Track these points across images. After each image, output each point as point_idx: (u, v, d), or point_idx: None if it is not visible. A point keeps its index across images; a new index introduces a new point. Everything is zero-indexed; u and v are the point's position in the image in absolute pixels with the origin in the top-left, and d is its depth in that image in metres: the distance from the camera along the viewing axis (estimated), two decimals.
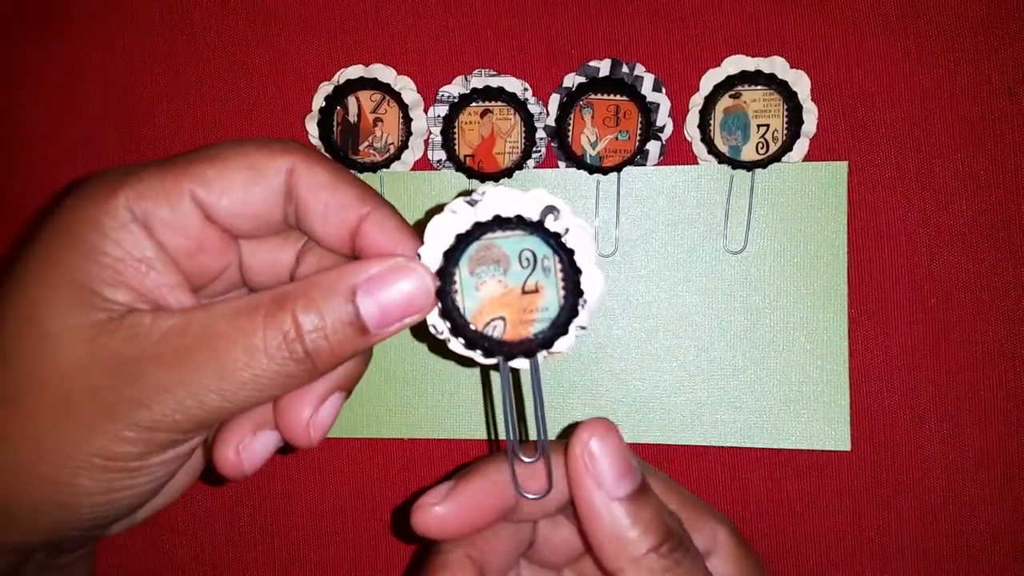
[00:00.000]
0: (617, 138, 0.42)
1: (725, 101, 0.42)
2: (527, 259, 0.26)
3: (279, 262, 0.28)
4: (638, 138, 0.42)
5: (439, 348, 0.43)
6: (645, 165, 0.42)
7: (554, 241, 0.26)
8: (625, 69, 0.42)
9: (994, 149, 0.41)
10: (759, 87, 0.42)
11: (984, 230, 0.41)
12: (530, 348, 0.26)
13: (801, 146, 0.41)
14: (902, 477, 0.42)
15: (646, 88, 0.42)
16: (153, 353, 0.23)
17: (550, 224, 0.26)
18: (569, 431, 0.33)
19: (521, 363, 0.26)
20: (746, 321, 0.42)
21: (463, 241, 0.26)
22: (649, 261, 0.42)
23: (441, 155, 0.43)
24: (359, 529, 0.45)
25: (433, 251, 0.25)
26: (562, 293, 0.26)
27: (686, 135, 0.42)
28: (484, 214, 0.25)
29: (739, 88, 0.42)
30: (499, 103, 0.43)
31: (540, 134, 0.42)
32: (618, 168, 0.42)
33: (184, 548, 0.45)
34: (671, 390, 0.42)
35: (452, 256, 0.26)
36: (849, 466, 0.42)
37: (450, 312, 0.26)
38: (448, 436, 0.43)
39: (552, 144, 0.42)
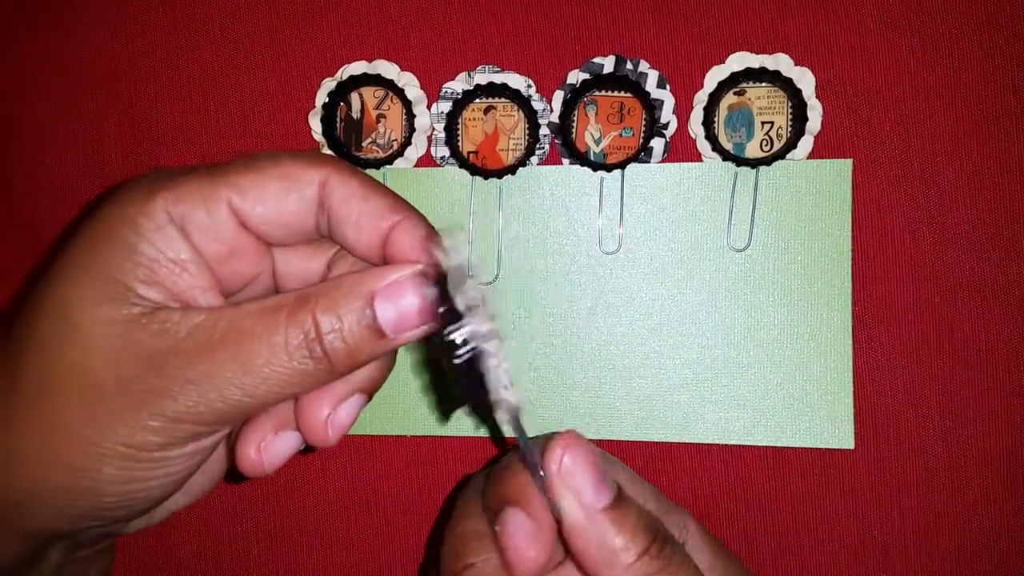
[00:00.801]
0: (621, 135, 0.42)
1: (729, 98, 0.42)
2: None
3: (310, 269, 0.29)
4: (642, 135, 0.42)
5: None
6: (649, 162, 0.42)
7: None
8: (629, 66, 0.42)
9: (999, 147, 0.41)
10: (763, 84, 0.42)
11: (989, 228, 0.41)
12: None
13: (805, 143, 0.41)
14: (905, 475, 0.42)
15: (650, 85, 0.41)
16: (180, 347, 0.24)
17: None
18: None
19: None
20: (750, 319, 0.42)
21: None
22: (653, 258, 0.42)
23: (444, 152, 0.42)
24: (362, 526, 0.45)
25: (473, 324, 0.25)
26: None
27: (690, 132, 0.42)
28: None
29: (743, 85, 0.42)
30: (503, 100, 0.43)
31: (544, 131, 0.42)
32: (622, 165, 0.42)
33: (187, 543, 0.45)
34: (674, 387, 0.42)
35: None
36: (852, 464, 0.42)
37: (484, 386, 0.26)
38: (452, 434, 0.43)
39: (556, 141, 0.42)
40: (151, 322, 0.25)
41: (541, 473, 0.26)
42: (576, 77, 0.42)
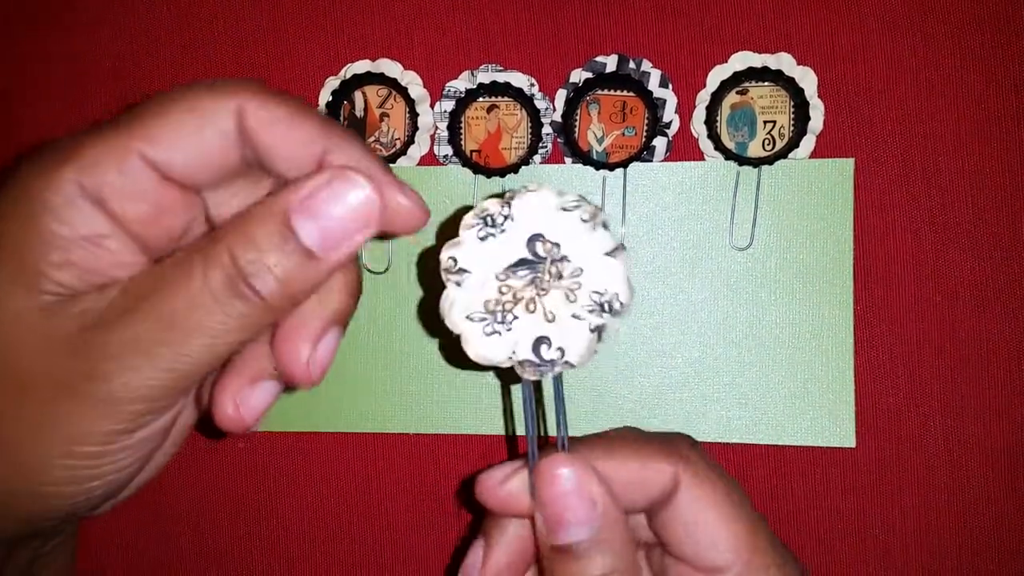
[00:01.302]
0: (624, 134, 0.42)
1: (732, 97, 0.42)
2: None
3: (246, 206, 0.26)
4: (644, 134, 0.42)
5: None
6: (651, 161, 0.42)
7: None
8: (632, 65, 0.42)
9: (1001, 147, 0.41)
10: (766, 83, 0.42)
11: (991, 228, 0.41)
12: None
13: (808, 143, 0.41)
14: (906, 474, 0.42)
15: (653, 84, 0.42)
16: (100, 321, 0.22)
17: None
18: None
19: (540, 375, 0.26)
20: (752, 317, 0.42)
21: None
22: (655, 257, 0.42)
23: (447, 150, 0.43)
24: (364, 524, 0.45)
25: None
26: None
27: (693, 131, 0.42)
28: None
29: (746, 84, 0.42)
30: (505, 98, 0.43)
31: (546, 130, 0.42)
32: (624, 164, 0.42)
33: (188, 540, 0.45)
34: (676, 386, 0.42)
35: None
36: (854, 463, 0.42)
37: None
38: (455, 431, 0.43)
39: (558, 140, 0.42)
40: (70, 306, 0.22)
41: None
42: (579, 76, 0.42)
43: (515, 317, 0.25)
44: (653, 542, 0.30)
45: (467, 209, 0.26)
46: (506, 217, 0.25)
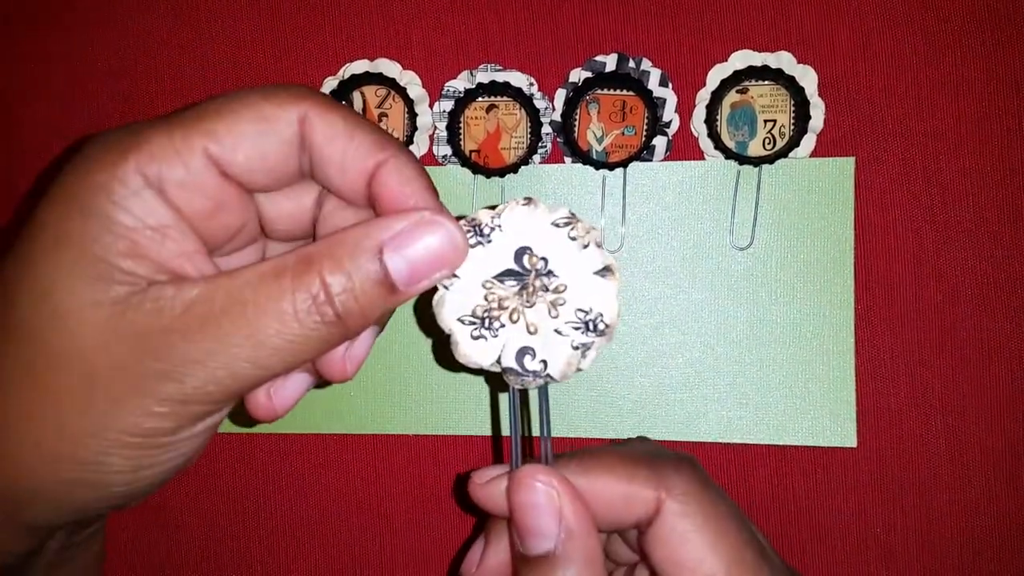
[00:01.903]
0: (623, 133, 0.42)
1: (732, 96, 0.42)
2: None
3: (299, 210, 0.27)
4: (644, 133, 0.42)
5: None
6: (651, 160, 0.42)
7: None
8: (631, 64, 0.41)
9: (1001, 145, 0.41)
10: (766, 82, 0.42)
11: (991, 227, 0.41)
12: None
13: (808, 142, 0.41)
14: (908, 473, 0.42)
15: (652, 83, 0.41)
16: (179, 325, 0.23)
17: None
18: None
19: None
20: (752, 317, 0.42)
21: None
22: (655, 257, 0.42)
23: (446, 150, 0.42)
24: (362, 524, 0.45)
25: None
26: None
27: (693, 130, 0.42)
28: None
29: (746, 83, 0.42)
30: (505, 98, 0.43)
31: (546, 129, 0.42)
32: (624, 163, 0.42)
33: (188, 542, 0.45)
34: (677, 386, 0.42)
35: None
36: (855, 462, 0.42)
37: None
38: (453, 432, 0.43)
39: (558, 139, 0.42)
40: (143, 301, 0.23)
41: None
42: (578, 75, 0.42)
43: (501, 325, 0.26)
44: (637, 562, 0.31)
45: (462, 217, 0.26)
46: (494, 228, 0.26)
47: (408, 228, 0.24)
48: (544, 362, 0.26)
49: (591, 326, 0.26)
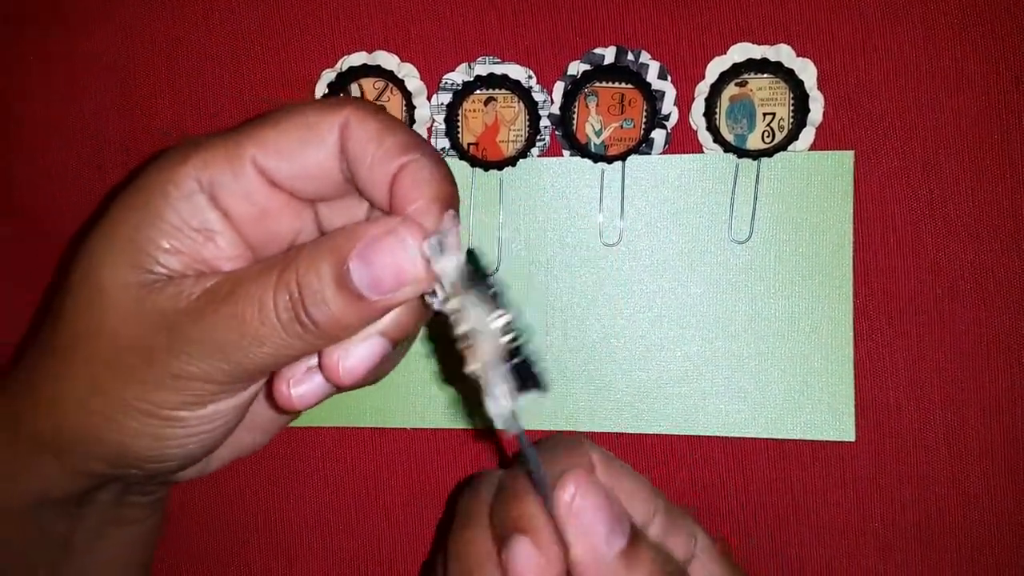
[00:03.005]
0: (622, 126, 0.42)
1: (731, 89, 0.42)
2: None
3: (354, 219, 0.28)
4: (643, 126, 0.42)
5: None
6: (650, 154, 0.42)
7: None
8: (630, 57, 0.41)
9: (1001, 139, 0.41)
10: (765, 75, 0.41)
11: (991, 220, 0.41)
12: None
13: (807, 135, 0.41)
14: (906, 467, 0.42)
15: (651, 76, 0.41)
16: (190, 308, 0.25)
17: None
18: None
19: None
20: (751, 311, 0.42)
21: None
22: (653, 250, 0.42)
23: (444, 143, 0.42)
24: (363, 518, 0.45)
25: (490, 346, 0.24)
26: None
27: (691, 123, 0.42)
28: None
29: (745, 76, 0.42)
30: (503, 91, 0.43)
31: (544, 122, 0.42)
32: (623, 157, 0.41)
33: (187, 536, 0.45)
34: (675, 380, 0.42)
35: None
36: (853, 456, 0.42)
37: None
38: (454, 425, 0.43)
39: (556, 132, 0.42)
40: (166, 287, 0.25)
41: (550, 497, 0.25)
42: (577, 68, 0.42)
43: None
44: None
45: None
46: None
47: (375, 237, 0.24)
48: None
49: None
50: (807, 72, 0.41)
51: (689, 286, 0.42)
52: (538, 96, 0.42)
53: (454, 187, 0.26)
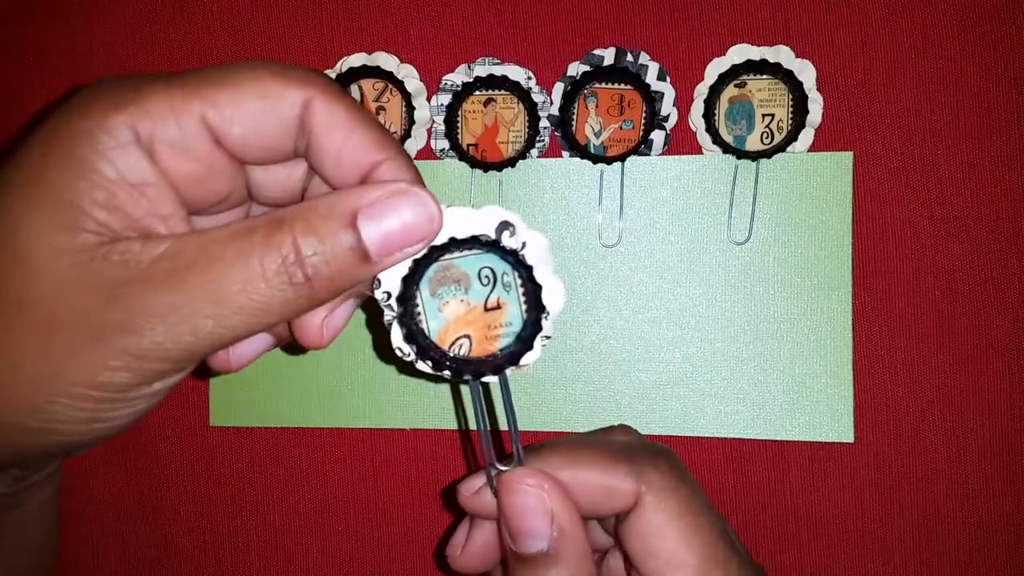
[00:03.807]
0: (621, 127, 0.42)
1: (730, 90, 0.42)
2: (487, 277, 0.26)
3: (290, 180, 0.27)
4: (642, 127, 0.42)
5: (408, 369, 0.43)
6: (649, 155, 0.42)
7: (512, 257, 0.26)
8: (629, 58, 0.41)
9: (999, 140, 0.41)
10: (764, 76, 0.41)
11: (989, 221, 0.41)
12: (497, 364, 0.26)
13: (806, 136, 0.41)
14: (905, 469, 0.42)
15: (650, 77, 0.41)
16: (144, 277, 0.22)
17: (506, 240, 0.25)
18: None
19: (491, 378, 0.26)
20: (750, 312, 0.42)
21: (421, 264, 0.25)
22: (653, 251, 0.42)
23: (444, 144, 0.42)
24: (361, 519, 0.44)
25: (392, 276, 0.25)
26: (524, 307, 0.26)
27: (691, 124, 0.42)
28: (439, 236, 0.25)
29: (744, 77, 0.42)
30: (502, 92, 0.43)
31: (544, 123, 0.42)
32: (622, 158, 0.42)
33: (186, 536, 0.45)
34: (674, 381, 0.42)
35: (412, 280, 0.25)
36: (852, 458, 0.42)
37: (415, 335, 0.26)
38: (451, 427, 0.43)
39: (556, 133, 0.42)
40: (110, 253, 0.22)
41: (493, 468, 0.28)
42: (576, 69, 0.42)
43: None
44: (611, 546, 0.32)
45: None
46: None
47: (384, 197, 0.23)
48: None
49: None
50: (806, 73, 0.41)
51: (688, 287, 0.42)
52: (537, 97, 0.42)
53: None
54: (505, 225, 0.25)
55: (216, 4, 0.44)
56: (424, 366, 0.26)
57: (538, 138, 0.42)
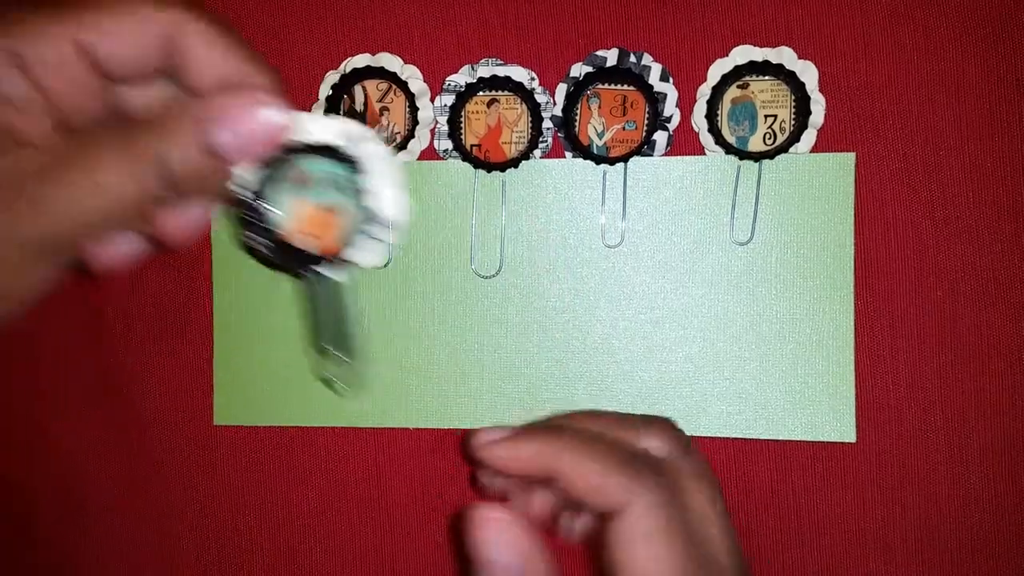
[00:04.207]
0: (624, 128, 0.42)
1: (733, 91, 0.42)
2: (332, 182, 0.29)
3: (162, 99, 0.29)
4: (645, 128, 0.42)
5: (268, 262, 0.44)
6: (652, 155, 0.42)
7: (355, 165, 0.29)
8: (632, 59, 0.42)
9: (1002, 141, 0.41)
10: (767, 78, 0.42)
11: (991, 222, 0.41)
12: (333, 261, 0.29)
13: (808, 137, 0.41)
14: (907, 469, 0.42)
15: (653, 78, 0.41)
16: (9, 173, 0.25)
17: (352, 150, 0.29)
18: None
19: (331, 273, 0.30)
20: (752, 312, 0.42)
21: (273, 166, 0.28)
22: (655, 252, 0.42)
23: (448, 145, 0.42)
24: (365, 518, 0.45)
25: (246, 176, 0.28)
26: (363, 213, 0.29)
27: (693, 125, 0.42)
28: (294, 141, 0.28)
29: (747, 78, 0.42)
30: (506, 93, 0.43)
31: (547, 124, 0.42)
32: (625, 158, 0.42)
33: (189, 534, 0.45)
34: (676, 381, 0.42)
35: (263, 180, 0.29)
36: (854, 458, 0.42)
37: (263, 230, 0.29)
38: (454, 425, 0.43)
39: (559, 134, 0.42)
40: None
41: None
42: (579, 70, 0.42)
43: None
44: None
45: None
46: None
47: (237, 102, 0.26)
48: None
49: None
50: (808, 74, 0.41)
51: (691, 287, 0.42)
52: (541, 98, 0.42)
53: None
54: (353, 136, 0.29)
55: (219, 6, 0.44)
56: (270, 256, 0.29)
57: (541, 139, 0.42)
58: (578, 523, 0.36)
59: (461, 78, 0.42)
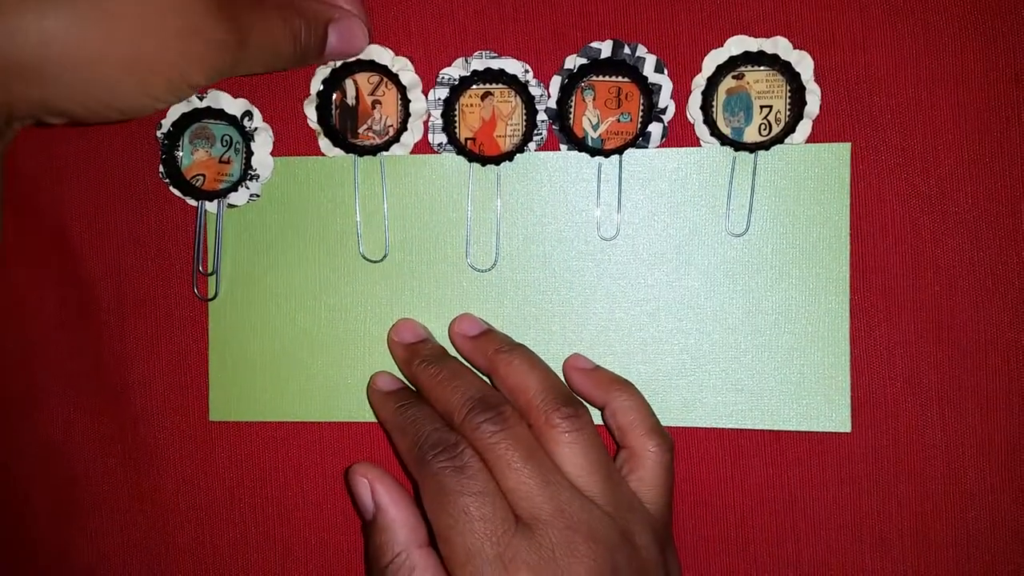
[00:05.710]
0: (619, 120, 0.42)
1: (728, 82, 0.42)
2: (226, 140, 0.43)
3: None
4: (640, 120, 0.42)
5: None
6: (647, 147, 0.42)
7: (244, 133, 0.42)
8: (627, 50, 0.41)
9: (999, 135, 0.41)
10: (762, 68, 0.41)
11: (988, 216, 0.41)
12: (215, 196, 0.42)
13: (804, 128, 0.41)
14: (903, 463, 0.42)
15: (648, 69, 0.41)
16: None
17: (245, 122, 0.42)
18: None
19: (211, 206, 0.43)
20: (748, 303, 0.42)
21: (186, 120, 0.42)
22: (651, 244, 0.42)
23: (441, 138, 0.42)
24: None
25: (166, 124, 0.42)
26: (243, 167, 0.42)
27: (688, 117, 0.42)
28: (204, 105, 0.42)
29: (742, 69, 0.41)
30: (500, 85, 0.43)
31: (541, 116, 0.42)
32: (620, 150, 0.41)
33: (184, 529, 0.46)
34: (672, 373, 0.42)
35: (178, 129, 0.42)
36: (849, 451, 0.42)
37: (171, 165, 0.42)
38: None
39: (553, 127, 0.42)
40: None
41: None
42: (574, 62, 0.41)
43: None
44: None
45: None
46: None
47: (349, 18, 0.40)
48: None
49: None
50: (804, 65, 0.40)
51: (686, 279, 0.42)
52: (535, 90, 0.42)
53: None
54: (248, 113, 0.42)
55: None
56: (174, 189, 0.42)
57: (536, 131, 0.42)
58: None
59: (455, 71, 0.42)
